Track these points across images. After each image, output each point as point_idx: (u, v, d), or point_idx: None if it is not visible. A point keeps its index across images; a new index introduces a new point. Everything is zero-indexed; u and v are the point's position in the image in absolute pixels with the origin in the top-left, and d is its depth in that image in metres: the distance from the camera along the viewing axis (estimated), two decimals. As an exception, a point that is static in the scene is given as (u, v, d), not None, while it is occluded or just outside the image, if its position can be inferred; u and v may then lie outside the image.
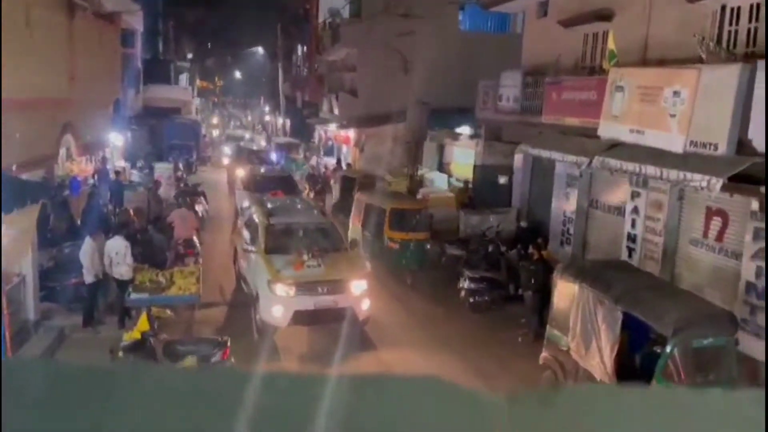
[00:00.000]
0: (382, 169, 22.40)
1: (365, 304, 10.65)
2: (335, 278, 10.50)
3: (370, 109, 25.63)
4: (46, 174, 15.04)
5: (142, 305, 9.62)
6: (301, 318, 10.26)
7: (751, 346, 8.71)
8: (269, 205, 12.82)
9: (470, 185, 18.43)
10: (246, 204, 14.34)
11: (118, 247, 10.49)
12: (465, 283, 12.62)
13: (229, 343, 8.58)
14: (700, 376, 7.20)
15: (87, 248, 10.37)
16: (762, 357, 8.68)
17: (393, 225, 14.31)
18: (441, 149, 23.51)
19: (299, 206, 13.84)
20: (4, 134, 11.85)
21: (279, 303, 10.19)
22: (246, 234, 12.45)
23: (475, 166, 18.19)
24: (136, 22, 28.51)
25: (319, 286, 10.35)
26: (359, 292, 10.61)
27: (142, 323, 8.59)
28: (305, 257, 10.64)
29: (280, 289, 10.21)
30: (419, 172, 21.24)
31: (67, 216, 14.27)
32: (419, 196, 18.25)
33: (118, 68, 22.76)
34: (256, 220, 12.08)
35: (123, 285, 10.51)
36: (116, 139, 23.67)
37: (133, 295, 10.20)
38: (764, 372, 8.63)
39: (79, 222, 14.36)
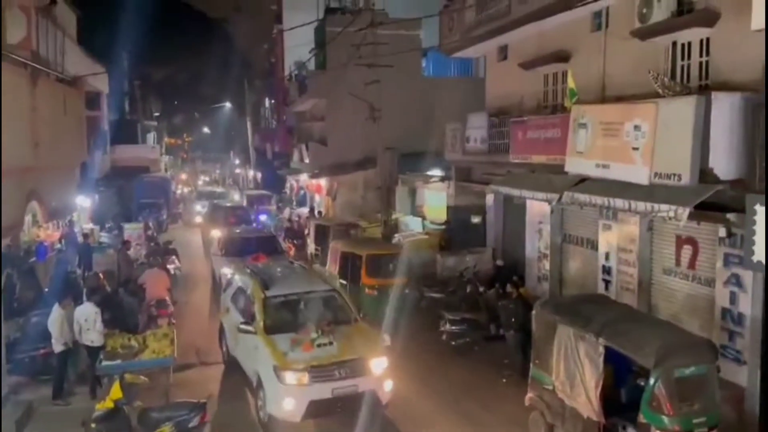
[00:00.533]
0: (355, 216, 22.42)
1: (388, 386, 9.22)
2: (353, 357, 9.07)
3: (340, 157, 25.85)
4: (11, 242, 14.66)
5: (115, 372, 9.28)
6: (317, 409, 8.77)
7: (731, 371, 8.74)
8: (261, 273, 11.09)
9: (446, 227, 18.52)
10: (228, 272, 13.07)
11: (87, 313, 10.18)
12: (446, 326, 12.51)
13: (207, 406, 8.30)
14: (686, 405, 7.16)
15: (55, 316, 10.03)
16: (743, 382, 8.71)
17: (370, 271, 14.21)
18: (413, 193, 23.69)
19: (296, 272, 12.06)
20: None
21: (290, 394, 8.70)
22: (234, 310, 11.02)
23: (447, 208, 18.32)
24: (100, 84, 28.53)
25: (336, 370, 8.87)
26: (380, 371, 9.18)
27: (115, 391, 8.28)
28: (314, 335, 9.22)
29: (291, 377, 8.73)
30: (393, 217, 21.30)
31: (34, 284, 13.87)
32: (395, 241, 18.25)
33: (83, 131, 22.61)
34: (249, 293, 10.52)
35: (94, 352, 10.15)
36: (83, 201, 23.33)
37: (105, 363, 9.85)
38: (745, 398, 8.64)
39: (47, 289, 13.95)
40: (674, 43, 10.56)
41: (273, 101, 42.20)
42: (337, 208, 26.35)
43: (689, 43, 10.31)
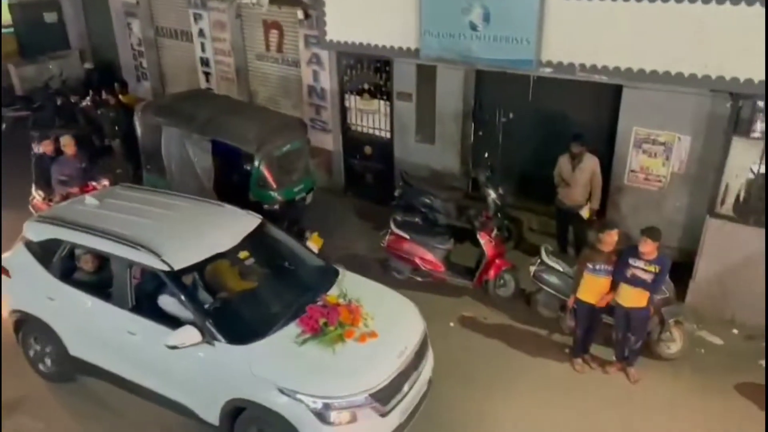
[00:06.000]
0: None
1: None
2: None
3: None
4: None
5: None
6: None
7: (319, 139, 10.15)
8: None
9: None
10: None
11: None
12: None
13: None
14: (286, 178, 8.21)
15: None
16: (330, 146, 10.28)
17: None
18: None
19: None
20: None
21: None
22: None
23: (10, 6, 14.95)
24: None
25: None
26: None
27: None
28: None
29: None
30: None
31: None
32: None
33: None
34: None
35: None
36: None
37: None
38: (332, 158, 10.31)
39: None
40: None
41: None
42: None
43: None
